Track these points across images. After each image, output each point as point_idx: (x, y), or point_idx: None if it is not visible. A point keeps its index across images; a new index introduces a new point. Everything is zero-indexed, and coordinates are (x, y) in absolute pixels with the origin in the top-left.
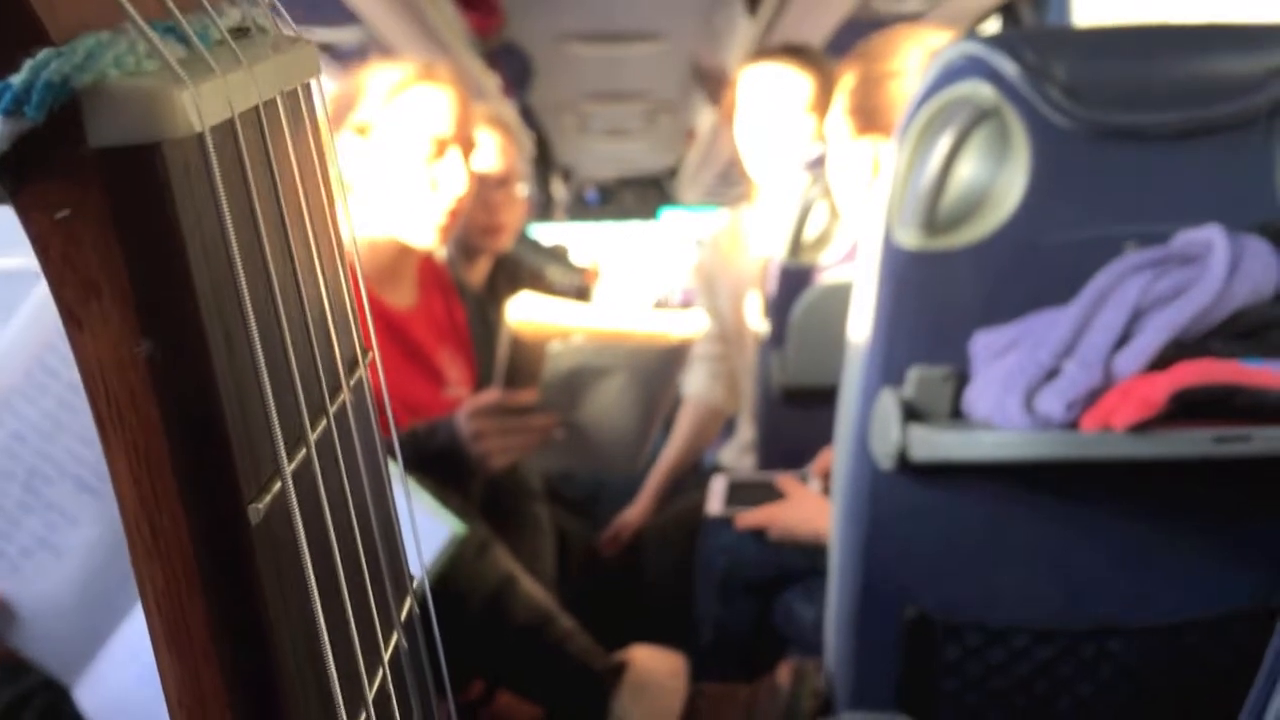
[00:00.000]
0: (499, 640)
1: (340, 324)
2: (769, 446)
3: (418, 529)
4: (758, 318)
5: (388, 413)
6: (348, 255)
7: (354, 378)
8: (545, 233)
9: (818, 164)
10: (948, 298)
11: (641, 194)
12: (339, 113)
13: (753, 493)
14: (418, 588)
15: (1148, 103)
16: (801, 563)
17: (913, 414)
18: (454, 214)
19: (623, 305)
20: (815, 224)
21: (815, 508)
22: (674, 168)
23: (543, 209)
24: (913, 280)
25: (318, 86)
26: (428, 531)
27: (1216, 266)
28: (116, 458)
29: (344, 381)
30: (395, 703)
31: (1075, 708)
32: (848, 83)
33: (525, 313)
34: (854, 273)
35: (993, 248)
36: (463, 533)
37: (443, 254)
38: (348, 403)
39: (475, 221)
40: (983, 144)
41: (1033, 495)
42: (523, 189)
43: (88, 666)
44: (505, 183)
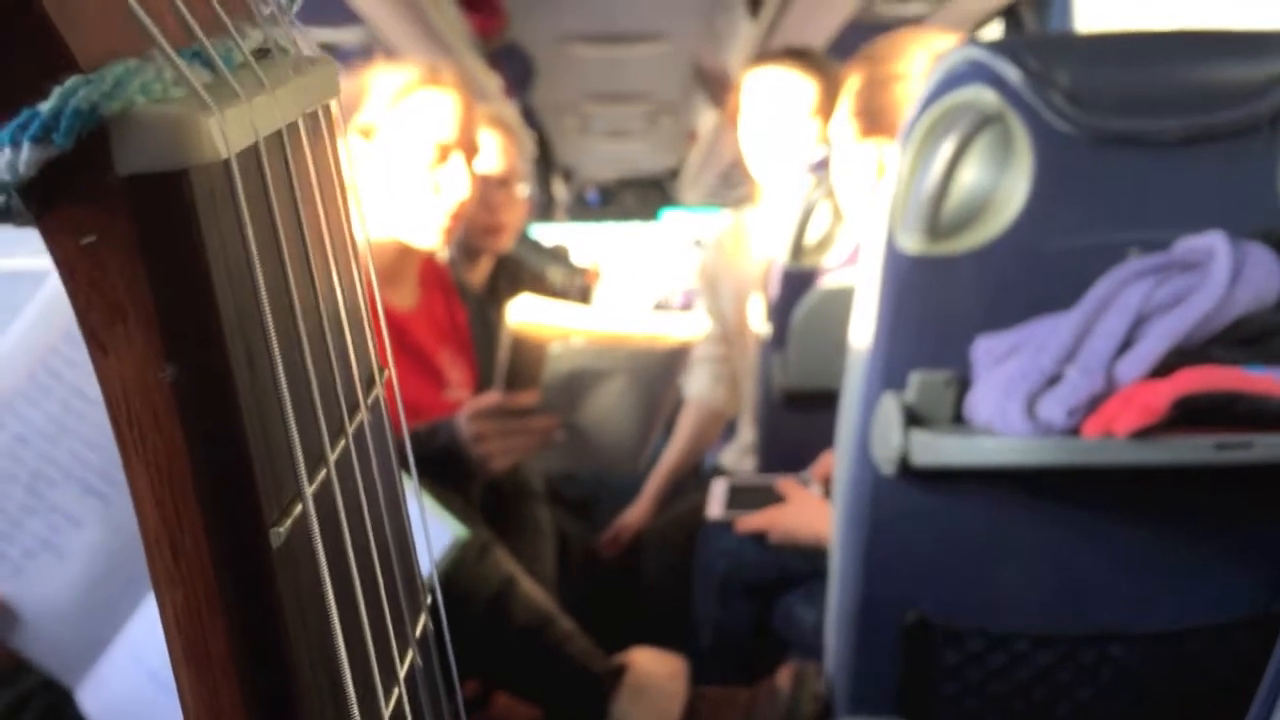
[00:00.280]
0: (499, 642)
1: (358, 343)
2: (770, 449)
3: (429, 539)
4: (760, 320)
5: (403, 428)
6: (365, 274)
7: (371, 396)
8: (546, 233)
9: (821, 167)
10: (950, 303)
11: (642, 195)
12: (343, 114)
13: (753, 496)
14: (430, 603)
15: (1150, 109)
16: (802, 566)
17: (914, 419)
18: (456, 218)
19: (623, 307)
20: (818, 227)
21: (816, 511)
22: (675, 169)
23: (544, 209)
24: (915, 285)
25: (337, 106)
26: (431, 536)
27: (1218, 273)
28: (139, 479)
29: (362, 401)
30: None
31: (1075, 713)
32: (852, 85)
33: (526, 314)
34: (856, 276)
35: (995, 253)
36: (465, 536)
37: (444, 255)
38: (365, 422)
39: (476, 221)
40: (985, 149)
41: (1034, 501)
42: (524, 189)
43: (90, 669)
44: (506, 183)
